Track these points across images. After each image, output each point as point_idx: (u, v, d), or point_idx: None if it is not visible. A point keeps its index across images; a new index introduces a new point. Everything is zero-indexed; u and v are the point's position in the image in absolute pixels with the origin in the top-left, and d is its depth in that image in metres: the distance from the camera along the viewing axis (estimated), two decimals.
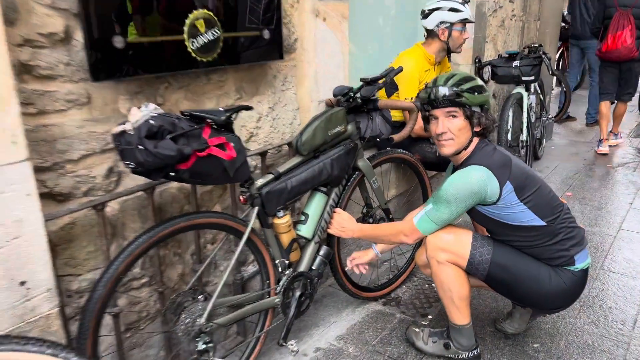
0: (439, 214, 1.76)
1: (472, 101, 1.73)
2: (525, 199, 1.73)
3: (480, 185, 1.69)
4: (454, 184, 1.72)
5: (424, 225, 1.80)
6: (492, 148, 1.81)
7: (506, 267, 1.78)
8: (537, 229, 1.75)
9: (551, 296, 1.80)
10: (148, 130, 1.39)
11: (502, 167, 1.72)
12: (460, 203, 1.72)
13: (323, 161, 1.97)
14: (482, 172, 1.70)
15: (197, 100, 1.84)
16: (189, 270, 1.93)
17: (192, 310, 1.66)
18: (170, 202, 1.81)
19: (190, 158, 1.49)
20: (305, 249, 2.03)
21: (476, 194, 1.70)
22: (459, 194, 1.71)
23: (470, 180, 1.69)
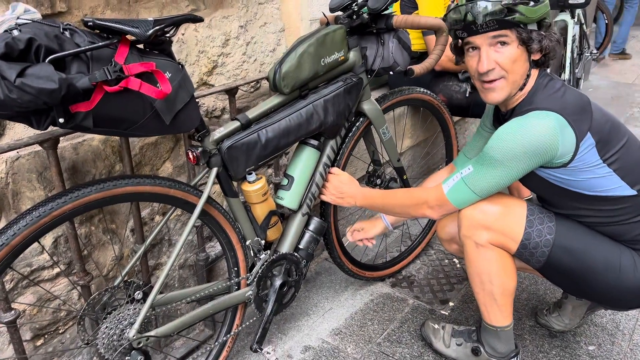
0: (482, 180, 1.23)
1: (530, 16, 1.16)
2: (610, 158, 1.21)
3: (549, 140, 1.15)
4: (509, 137, 1.17)
5: (459, 196, 1.27)
6: (561, 84, 1.24)
7: (574, 252, 1.27)
8: (623, 200, 1.23)
9: (635, 291, 1.28)
10: (7, 45, 0.83)
11: (581, 112, 1.18)
12: (516, 165, 1.18)
13: (313, 103, 1.40)
14: (551, 121, 1.15)
15: (127, 10, 1.26)
16: (130, 251, 1.42)
17: (121, 316, 1.16)
18: (91, 160, 1.27)
19: (94, 94, 0.94)
20: (290, 223, 1.50)
21: (542, 153, 1.16)
22: (515, 151, 1.16)
23: (534, 132, 1.15)
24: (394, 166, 1.79)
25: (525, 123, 1.16)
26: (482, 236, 1.29)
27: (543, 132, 1.14)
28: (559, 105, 1.17)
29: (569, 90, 1.23)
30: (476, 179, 1.24)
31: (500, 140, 1.18)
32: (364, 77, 1.55)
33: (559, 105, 1.17)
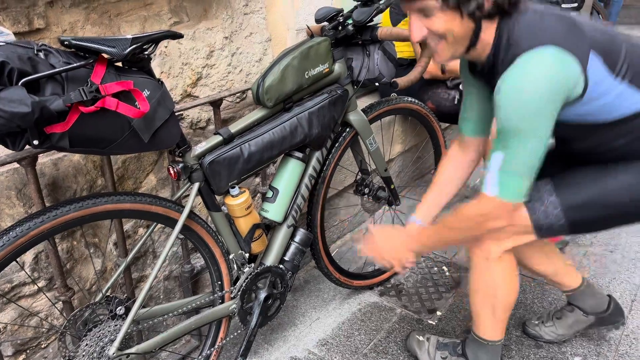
0: (521, 158, 1.06)
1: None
2: (621, 69, 1.07)
3: (556, 76, 1.00)
4: (518, 98, 1.01)
5: (512, 187, 1.09)
6: (533, 12, 1.07)
7: (589, 203, 1.19)
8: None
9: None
10: None
11: (571, 33, 1.03)
12: (541, 120, 1.03)
13: (297, 116, 1.39)
14: (547, 56, 1.00)
15: (108, 24, 1.25)
16: (114, 265, 1.42)
17: (101, 333, 1.16)
18: (72, 175, 1.26)
19: (69, 115, 0.93)
20: (275, 235, 1.50)
21: (558, 91, 1.01)
22: (532, 108, 1.01)
23: (538, 76, 1.00)
24: (381, 176, 1.78)
25: (523, 74, 1.01)
26: (493, 249, 1.28)
27: (546, 72, 0.99)
28: (545, 36, 1.01)
29: (547, 14, 1.06)
30: (514, 162, 1.07)
31: (511, 107, 1.03)
32: (350, 89, 1.54)
33: (545, 35, 1.01)
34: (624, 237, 2.23)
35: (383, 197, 1.83)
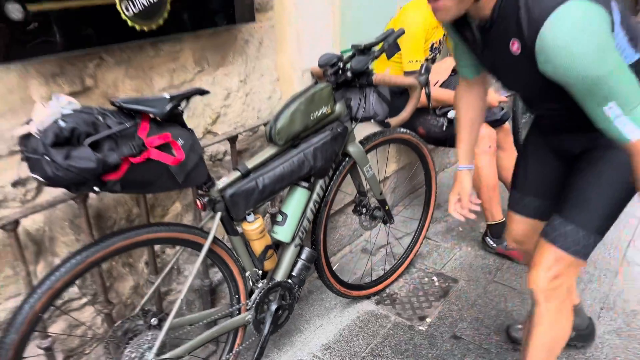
0: (626, 90, 1.02)
1: None
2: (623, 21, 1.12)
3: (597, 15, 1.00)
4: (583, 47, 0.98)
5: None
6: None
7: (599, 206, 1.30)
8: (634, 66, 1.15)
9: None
10: (56, 135, 1.04)
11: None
12: (611, 52, 1.02)
13: (304, 151, 1.61)
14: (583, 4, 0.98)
15: (142, 77, 1.46)
16: (145, 281, 1.63)
17: (141, 341, 1.38)
18: (113, 207, 1.48)
19: (122, 166, 1.15)
20: (283, 254, 1.72)
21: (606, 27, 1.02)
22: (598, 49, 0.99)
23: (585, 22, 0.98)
24: (377, 199, 2.01)
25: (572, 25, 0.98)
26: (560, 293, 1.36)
27: (593, 14, 0.98)
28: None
29: None
30: (626, 99, 1.02)
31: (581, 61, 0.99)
32: (349, 125, 1.76)
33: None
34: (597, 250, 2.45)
35: (379, 216, 2.05)
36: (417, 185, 3.04)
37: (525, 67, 1.11)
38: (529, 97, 1.36)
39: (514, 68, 1.16)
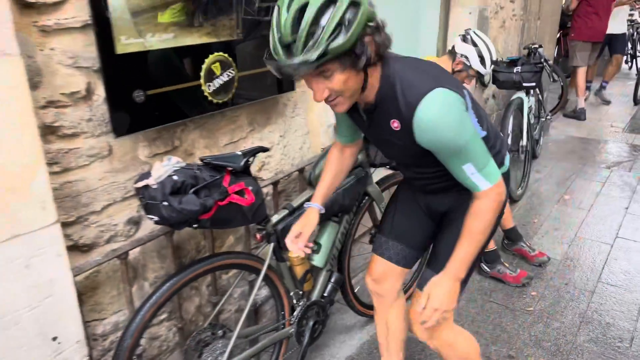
0: (478, 155, 1.30)
1: (345, 47, 1.11)
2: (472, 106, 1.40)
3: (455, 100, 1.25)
4: (448, 124, 1.23)
5: (491, 174, 1.33)
6: (404, 60, 1.32)
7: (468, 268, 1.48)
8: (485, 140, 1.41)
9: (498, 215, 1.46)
10: (172, 186, 1.42)
11: (444, 75, 1.31)
12: (467, 127, 1.28)
13: (335, 192, 2.00)
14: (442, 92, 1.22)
15: (211, 137, 1.86)
16: (205, 302, 1.98)
17: (214, 348, 1.72)
18: (187, 240, 1.84)
19: (212, 208, 1.53)
20: (318, 277, 2.08)
21: (462, 108, 1.27)
22: (457, 127, 1.25)
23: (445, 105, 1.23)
24: None
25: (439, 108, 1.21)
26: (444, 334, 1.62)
27: (453, 101, 1.23)
28: (435, 81, 1.23)
29: (423, 63, 1.32)
30: (478, 161, 1.29)
31: (444, 136, 1.23)
32: (369, 170, 2.17)
33: (435, 80, 1.23)
34: (575, 273, 2.86)
35: None
36: None
37: (403, 140, 1.33)
38: (406, 163, 1.56)
39: (395, 141, 1.37)
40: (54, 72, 1.33)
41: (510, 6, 4.27)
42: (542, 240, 3.24)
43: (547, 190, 4.01)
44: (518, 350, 2.28)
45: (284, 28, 1.10)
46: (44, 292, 1.32)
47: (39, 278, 1.30)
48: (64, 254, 1.35)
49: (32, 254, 1.28)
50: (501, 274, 2.78)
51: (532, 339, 2.34)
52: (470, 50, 2.53)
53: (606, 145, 5.08)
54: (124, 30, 1.40)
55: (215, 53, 1.67)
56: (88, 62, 1.39)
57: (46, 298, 1.33)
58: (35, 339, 1.33)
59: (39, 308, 1.32)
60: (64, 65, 1.35)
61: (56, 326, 1.37)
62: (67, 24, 1.32)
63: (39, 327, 1.33)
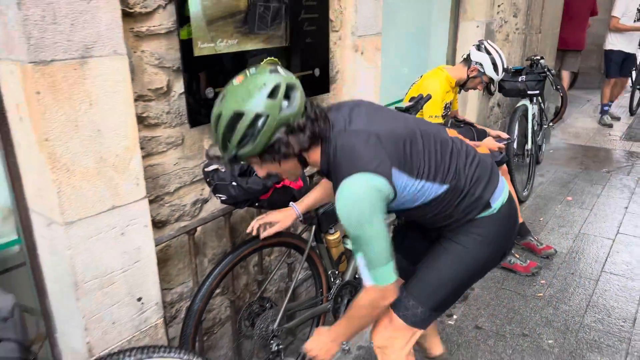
0: (377, 253, 1.31)
1: (256, 151, 1.26)
2: (418, 171, 1.37)
3: (372, 195, 1.27)
4: (349, 216, 1.28)
5: (380, 275, 1.33)
6: (346, 139, 1.31)
7: (438, 290, 1.51)
8: (441, 195, 1.43)
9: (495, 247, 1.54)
10: (240, 169, 1.66)
11: (374, 156, 1.29)
12: (375, 223, 1.28)
13: None
14: (359, 182, 1.27)
15: None
16: (252, 280, 2.20)
17: (264, 317, 1.93)
18: (239, 223, 2.07)
19: (270, 190, 1.76)
20: (351, 259, 2.30)
21: (377, 202, 1.29)
22: (365, 219, 1.27)
23: (357, 199, 1.27)
24: None
25: (349, 196, 1.27)
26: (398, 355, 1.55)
27: (363, 193, 1.25)
28: (358, 164, 1.26)
29: (357, 140, 1.29)
30: (371, 259, 1.31)
31: (348, 223, 1.28)
32: None
33: (357, 163, 1.26)
34: (579, 264, 3.09)
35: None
36: None
37: None
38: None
39: None
40: (143, 70, 1.57)
41: (514, 20, 4.56)
42: (548, 236, 3.47)
43: (551, 192, 4.25)
44: (531, 329, 2.50)
45: (212, 128, 1.30)
46: (134, 257, 1.55)
47: (131, 245, 1.53)
48: (149, 226, 1.58)
49: (127, 223, 1.51)
50: (512, 265, 3.01)
51: (543, 320, 2.56)
52: (485, 58, 2.79)
53: (605, 152, 5.35)
54: (201, 36, 1.65)
55: (268, 58, 1.92)
56: (170, 62, 1.63)
57: (135, 263, 1.56)
58: (125, 297, 1.55)
59: (129, 271, 1.55)
60: (151, 65, 1.59)
61: (141, 288, 1.59)
62: (155, 30, 1.57)
63: (128, 288, 1.55)
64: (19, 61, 1.24)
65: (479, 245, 1.49)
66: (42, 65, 1.23)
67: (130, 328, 1.59)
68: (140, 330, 1.62)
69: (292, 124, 1.25)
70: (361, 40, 2.46)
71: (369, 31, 2.48)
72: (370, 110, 1.41)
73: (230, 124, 1.24)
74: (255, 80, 1.24)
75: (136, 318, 1.60)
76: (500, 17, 4.23)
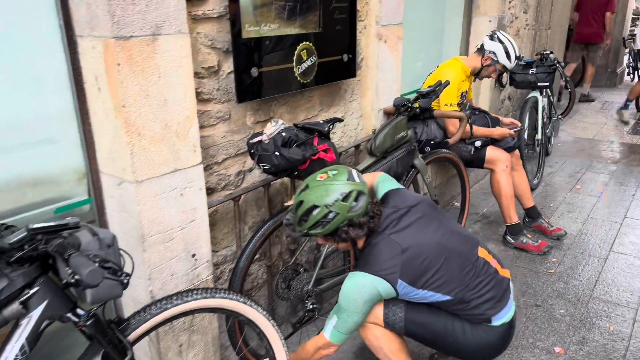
0: (346, 325, 1.69)
1: (321, 234, 1.66)
2: (425, 284, 1.64)
3: (372, 293, 1.63)
4: (348, 295, 1.66)
5: (337, 338, 1.72)
6: (382, 241, 1.65)
7: (421, 324, 1.75)
8: (444, 302, 1.69)
9: (471, 349, 1.76)
10: (282, 140, 1.84)
11: (390, 267, 1.61)
12: (361, 310, 1.67)
13: (390, 161, 2.42)
14: (369, 281, 1.61)
15: (293, 112, 2.28)
16: (285, 249, 2.38)
17: (300, 279, 2.11)
18: (275, 195, 2.25)
19: (307, 161, 1.94)
20: None
21: (372, 300, 1.66)
22: (356, 304, 1.65)
23: (361, 290, 1.64)
24: (432, 199, 2.79)
25: (354, 284, 1.63)
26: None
27: (367, 289, 1.62)
28: (373, 267, 1.61)
29: (386, 245, 1.62)
30: (342, 325, 1.68)
31: (344, 296, 1.65)
32: (415, 145, 2.58)
33: (374, 267, 1.61)
34: (589, 244, 3.25)
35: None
36: (456, 195, 3.84)
37: None
38: None
39: None
40: (197, 50, 1.76)
41: (524, 17, 4.72)
42: (558, 220, 3.63)
43: (560, 181, 4.41)
44: (543, 300, 2.66)
45: (292, 207, 1.68)
46: (190, 217, 1.73)
47: (188, 205, 1.71)
48: (204, 189, 1.76)
49: (185, 185, 1.69)
50: (524, 244, 3.17)
51: (555, 293, 2.73)
52: (498, 47, 2.97)
53: (612, 145, 5.49)
54: (248, 20, 1.83)
55: (303, 42, 2.11)
56: (220, 44, 1.82)
57: (191, 222, 1.74)
58: (182, 253, 1.73)
59: (186, 229, 1.73)
60: (205, 46, 1.78)
61: (195, 246, 1.77)
62: (209, 14, 1.76)
63: (184, 245, 1.74)
64: (102, 37, 1.43)
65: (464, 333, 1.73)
66: (122, 40, 1.42)
67: (185, 282, 1.77)
68: (193, 284, 1.80)
69: (355, 221, 1.61)
70: (385, 29, 2.64)
71: (392, 21, 2.66)
72: (418, 219, 1.70)
73: (307, 211, 1.62)
74: (333, 183, 1.62)
75: (190, 273, 1.78)
76: (511, 13, 4.40)
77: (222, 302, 1.49)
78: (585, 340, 2.36)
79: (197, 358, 1.88)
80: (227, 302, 1.50)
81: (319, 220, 1.61)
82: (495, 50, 2.98)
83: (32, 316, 1.12)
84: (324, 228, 1.62)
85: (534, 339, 2.37)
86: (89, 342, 1.27)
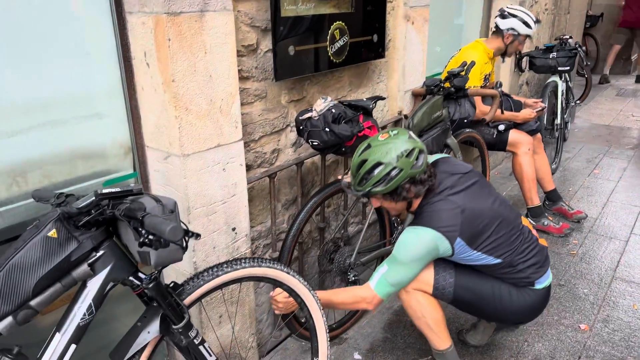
0: (397, 277, 1.70)
1: (384, 192, 1.67)
2: (480, 246, 1.70)
3: (430, 247, 1.67)
4: (406, 246, 1.69)
5: (383, 290, 1.71)
6: (441, 200, 1.70)
7: (469, 288, 1.79)
8: (493, 266, 1.75)
9: (514, 312, 1.82)
10: (332, 116, 1.88)
11: (451, 225, 1.66)
12: (415, 264, 1.70)
13: (426, 139, 2.45)
14: (429, 235, 1.65)
15: (324, 92, 2.31)
16: (314, 227, 2.42)
17: (342, 252, 2.17)
18: (307, 174, 2.30)
19: (354, 137, 1.97)
20: None
21: (429, 255, 1.69)
22: (412, 256, 1.68)
23: (420, 242, 1.67)
24: None
25: (413, 236, 1.67)
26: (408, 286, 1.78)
27: (426, 242, 1.65)
28: (434, 223, 1.65)
29: (447, 204, 1.67)
30: (392, 276, 1.69)
31: (401, 246, 1.68)
32: (449, 124, 2.61)
33: (435, 222, 1.65)
34: (609, 227, 3.27)
35: None
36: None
37: None
38: None
39: None
40: (238, 28, 1.79)
41: (543, 1, 4.69)
42: (577, 204, 3.64)
43: (578, 166, 4.42)
44: (567, 280, 2.70)
45: (352, 168, 1.71)
46: (231, 191, 1.78)
47: (229, 180, 1.76)
48: (244, 164, 1.80)
49: (227, 160, 1.73)
50: (546, 226, 3.20)
51: (577, 273, 2.76)
52: (513, 21, 2.99)
53: (629, 131, 5.47)
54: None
55: (337, 21, 2.13)
56: (259, 22, 1.85)
57: (232, 196, 1.79)
58: (223, 226, 1.78)
59: (227, 203, 1.78)
60: (244, 24, 1.81)
61: (235, 219, 1.82)
62: None
63: (225, 218, 1.78)
64: (153, 13, 1.46)
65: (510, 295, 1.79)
66: (173, 16, 1.46)
67: (225, 254, 1.82)
68: (233, 257, 1.85)
69: (417, 178, 1.66)
70: (412, 10, 2.65)
71: (419, 2, 2.67)
72: (473, 184, 1.76)
73: (370, 169, 1.65)
74: (395, 141, 1.65)
75: (230, 246, 1.83)
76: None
77: (267, 271, 1.54)
78: (610, 318, 2.40)
79: (235, 328, 1.94)
80: (272, 271, 1.55)
81: (382, 177, 1.64)
82: (512, 25, 3.01)
83: (99, 278, 1.18)
84: (387, 185, 1.64)
85: (559, 317, 2.42)
86: (145, 306, 1.32)
